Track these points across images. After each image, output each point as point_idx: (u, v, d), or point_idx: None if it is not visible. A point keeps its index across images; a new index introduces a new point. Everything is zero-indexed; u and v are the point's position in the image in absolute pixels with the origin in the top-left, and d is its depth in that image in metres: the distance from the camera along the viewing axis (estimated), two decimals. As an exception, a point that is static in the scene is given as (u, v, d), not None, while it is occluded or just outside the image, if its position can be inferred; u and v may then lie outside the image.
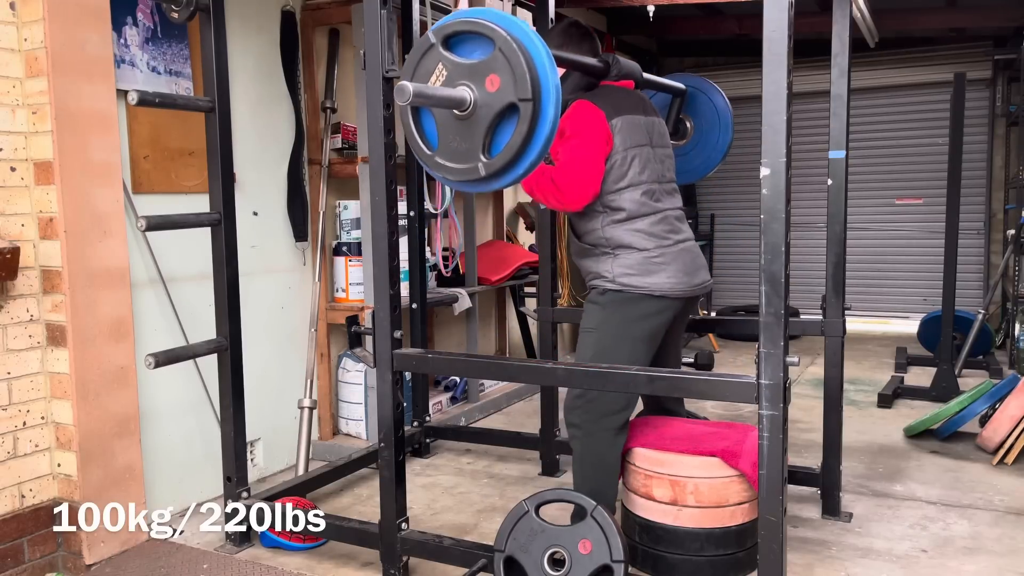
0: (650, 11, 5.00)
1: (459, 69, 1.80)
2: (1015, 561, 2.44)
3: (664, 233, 2.34)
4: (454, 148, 1.85)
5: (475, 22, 1.77)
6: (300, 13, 3.38)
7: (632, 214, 2.31)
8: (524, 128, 1.74)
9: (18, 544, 2.35)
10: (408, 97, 1.68)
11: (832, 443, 2.74)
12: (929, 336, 5.17)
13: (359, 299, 3.45)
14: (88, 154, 2.38)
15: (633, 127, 2.35)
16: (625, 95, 2.43)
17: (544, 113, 1.74)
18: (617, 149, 2.30)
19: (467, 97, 1.78)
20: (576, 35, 2.50)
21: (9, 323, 2.32)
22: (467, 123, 1.81)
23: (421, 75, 1.85)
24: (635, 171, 2.32)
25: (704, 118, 3.01)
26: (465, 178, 1.85)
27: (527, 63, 1.72)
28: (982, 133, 6.32)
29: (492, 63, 1.75)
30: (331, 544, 2.54)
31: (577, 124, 2.28)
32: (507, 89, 1.74)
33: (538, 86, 1.73)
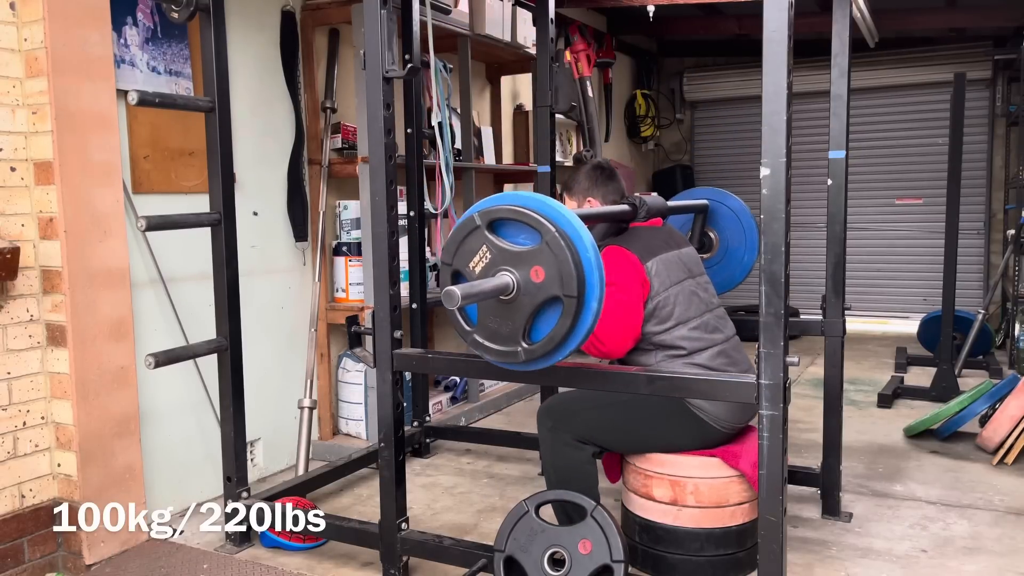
0: (650, 11, 5.00)
1: (503, 254, 1.79)
2: (1015, 561, 2.44)
3: (724, 366, 2.29)
4: (493, 329, 1.84)
5: (523, 212, 1.76)
6: (300, 13, 3.38)
7: (691, 350, 2.27)
8: (567, 322, 1.74)
9: (18, 544, 2.35)
10: (457, 302, 1.68)
11: (832, 443, 2.74)
12: (929, 336, 5.17)
13: (359, 299, 3.45)
14: (88, 154, 2.38)
15: (669, 266, 2.33)
16: (654, 234, 2.42)
17: (587, 308, 1.74)
18: (657, 292, 2.28)
19: (510, 284, 1.77)
20: (601, 179, 2.49)
21: (9, 323, 2.32)
22: (508, 307, 1.80)
23: (464, 253, 1.84)
24: (681, 308, 2.29)
25: (729, 231, 2.97)
26: (503, 360, 1.86)
27: (575, 261, 1.72)
28: (982, 133, 6.32)
29: (538, 254, 1.75)
30: (331, 544, 2.54)
31: (612, 272, 2.24)
32: (552, 283, 1.74)
33: (583, 283, 1.73)
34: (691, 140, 7.45)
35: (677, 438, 2.27)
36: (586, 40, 5.53)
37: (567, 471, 2.31)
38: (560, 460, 2.33)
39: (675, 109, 7.35)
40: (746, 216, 2.95)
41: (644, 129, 6.88)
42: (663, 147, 7.42)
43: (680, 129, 7.43)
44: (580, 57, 5.45)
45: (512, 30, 4.19)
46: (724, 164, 7.21)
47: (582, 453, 2.31)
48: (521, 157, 4.99)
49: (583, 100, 5.43)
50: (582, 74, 5.44)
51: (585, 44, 5.51)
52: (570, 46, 5.43)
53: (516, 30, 4.21)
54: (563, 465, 2.32)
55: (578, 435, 2.31)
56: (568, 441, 2.31)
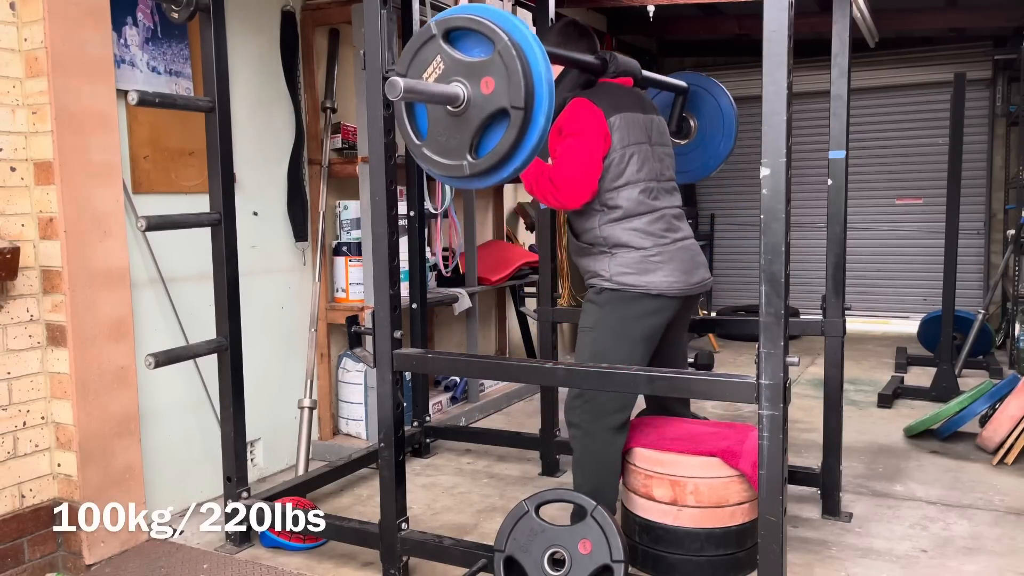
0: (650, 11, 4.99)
1: (456, 65, 1.79)
2: (1015, 561, 2.44)
3: (662, 231, 2.33)
4: (442, 142, 1.85)
5: (479, 20, 1.76)
6: (300, 13, 3.38)
7: (629, 212, 2.30)
8: (512, 135, 1.74)
9: (18, 544, 2.35)
10: (399, 93, 1.68)
11: (832, 443, 2.74)
12: (929, 336, 5.17)
13: (359, 299, 3.45)
14: (88, 154, 2.38)
15: (631, 124, 2.34)
16: (623, 92, 2.42)
17: (535, 122, 1.74)
18: (615, 147, 2.29)
19: (460, 95, 1.78)
20: (574, 34, 2.49)
21: (9, 323, 2.32)
22: (458, 120, 1.81)
23: (418, 65, 1.84)
24: (633, 169, 2.31)
25: (708, 119, 3.00)
26: (449, 174, 1.86)
27: (524, 71, 1.71)
28: (982, 133, 6.32)
29: (489, 65, 1.75)
30: (331, 544, 2.54)
31: (575, 122, 2.27)
32: (501, 93, 1.74)
33: (532, 95, 1.73)
34: (691, 140, 7.44)
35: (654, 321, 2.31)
36: (586, 40, 5.52)
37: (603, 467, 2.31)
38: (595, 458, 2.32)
39: (675, 109, 7.34)
40: (728, 107, 2.96)
41: (644, 129, 6.87)
42: (663, 147, 7.42)
43: (680, 129, 7.42)
44: (580, 57, 5.43)
45: (512, 30, 4.18)
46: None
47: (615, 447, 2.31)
48: (521, 157, 4.97)
49: (583, 100, 5.42)
50: (582, 74, 5.43)
51: (585, 44, 5.50)
52: (570, 46, 5.42)
53: (516, 30, 4.20)
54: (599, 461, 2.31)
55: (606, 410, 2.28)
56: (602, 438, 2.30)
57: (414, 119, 1.92)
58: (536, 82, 1.72)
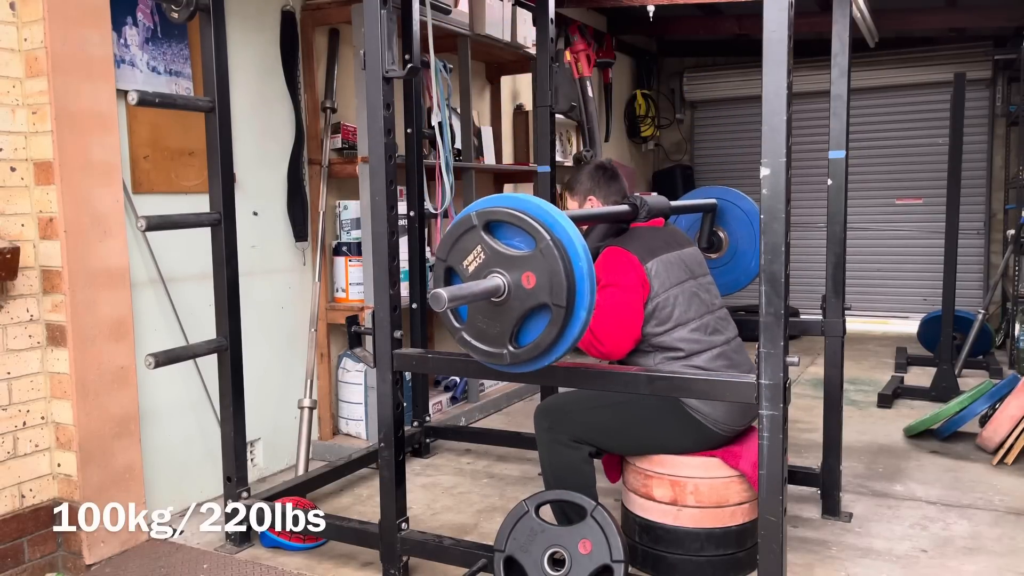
0: (650, 11, 5.00)
1: (497, 256, 1.79)
2: (1015, 561, 2.44)
3: (723, 368, 2.28)
4: (482, 329, 1.85)
5: (520, 216, 1.75)
6: (300, 13, 3.38)
7: (690, 352, 2.26)
8: (554, 331, 1.74)
9: (18, 544, 2.35)
10: (444, 305, 1.69)
11: (832, 443, 2.74)
12: (929, 336, 5.17)
13: (359, 299, 3.45)
14: (88, 154, 2.38)
15: (669, 266, 2.31)
16: (655, 234, 2.41)
17: (576, 317, 1.74)
18: (656, 292, 2.26)
19: (501, 286, 1.78)
20: (604, 179, 2.48)
21: (9, 323, 2.32)
22: (498, 308, 1.81)
23: (458, 252, 1.84)
24: (681, 310, 2.28)
25: (736, 225, 2.96)
26: (490, 360, 1.87)
27: (566, 270, 1.71)
28: (982, 133, 6.32)
29: (531, 260, 1.74)
30: (331, 544, 2.54)
31: (611, 272, 2.26)
32: (542, 290, 1.74)
33: (573, 293, 1.73)
34: (691, 140, 7.45)
35: (674, 440, 2.26)
36: (586, 40, 5.53)
37: (564, 471, 2.31)
38: (557, 460, 2.33)
39: (675, 109, 7.35)
40: (753, 212, 2.92)
41: (644, 129, 6.88)
42: (663, 147, 7.42)
43: (680, 129, 7.43)
44: (580, 57, 5.44)
45: (512, 30, 4.19)
46: (724, 164, 7.21)
47: (579, 453, 2.31)
48: (521, 157, 4.99)
49: (583, 100, 5.43)
50: (582, 74, 5.44)
51: (585, 44, 5.51)
52: (570, 46, 5.43)
53: (516, 30, 4.21)
54: (560, 465, 2.32)
55: (574, 435, 2.31)
56: (565, 441, 2.31)
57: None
58: (579, 280, 1.73)
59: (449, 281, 1.89)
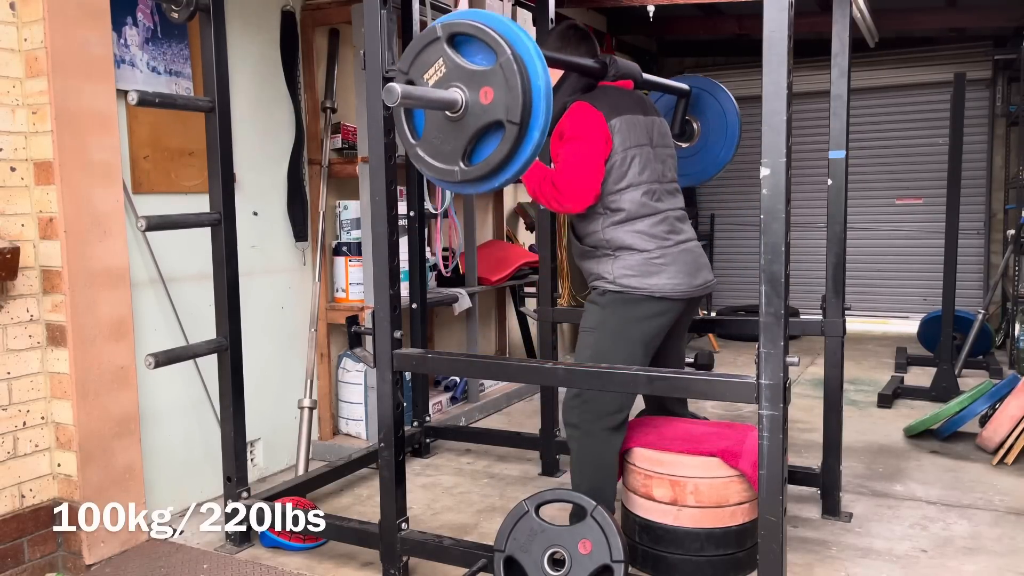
0: (650, 11, 4.99)
1: (458, 70, 1.79)
2: (1015, 561, 2.44)
3: (664, 234, 2.33)
4: (436, 145, 1.85)
5: (483, 29, 1.75)
6: (300, 13, 3.38)
7: (632, 215, 2.30)
8: (506, 148, 1.74)
9: (18, 544, 2.35)
10: (396, 99, 1.67)
11: (832, 443, 2.74)
12: (929, 336, 5.17)
13: (359, 299, 3.45)
14: (88, 154, 2.38)
15: (632, 127, 2.33)
16: (624, 95, 2.42)
17: (529, 137, 1.74)
18: (616, 150, 2.29)
19: (459, 100, 1.77)
20: (574, 37, 2.48)
21: (9, 323, 2.32)
22: (454, 125, 1.81)
23: (420, 66, 1.83)
24: (635, 171, 2.31)
25: (711, 121, 2.97)
26: (441, 177, 1.86)
27: (524, 86, 1.71)
28: (982, 133, 6.32)
29: (490, 76, 1.74)
30: (331, 544, 2.54)
31: (576, 126, 2.27)
32: (499, 106, 1.74)
33: (529, 111, 1.72)
34: (691, 140, 7.44)
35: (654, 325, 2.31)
36: (586, 40, 5.52)
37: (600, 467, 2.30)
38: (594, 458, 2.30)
39: (675, 109, 7.34)
40: (732, 113, 2.94)
41: (644, 129, 6.87)
42: (663, 147, 7.41)
43: (680, 129, 7.42)
44: (580, 57, 5.44)
45: (512, 30, 4.18)
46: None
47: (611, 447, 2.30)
48: (521, 157, 4.98)
49: (583, 100, 5.42)
50: (582, 74, 5.43)
51: (585, 44, 5.50)
52: (570, 46, 5.42)
53: (516, 30, 4.20)
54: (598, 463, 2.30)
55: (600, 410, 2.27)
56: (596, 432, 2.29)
57: (411, 119, 1.92)
58: (535, 98, 1.72)
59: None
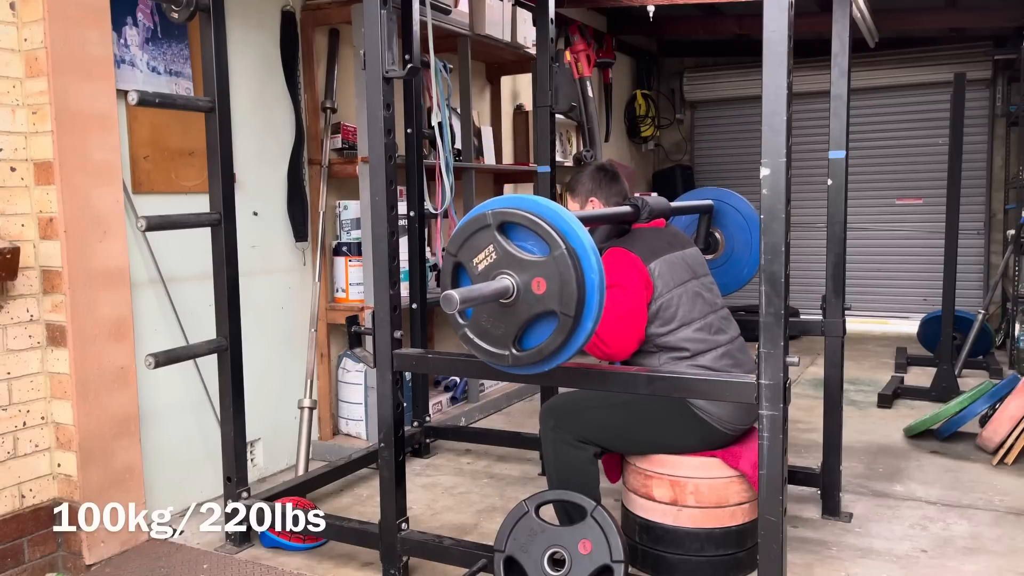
0: (650, 11, 5.00)
1: (509, 258, 1.77)
2: (1015, 561, 2.44)
3: (728, 367, 2.29)
4: (486, 328, 1.84)
5: (536, 222, 1.74)
6: (300, 13, 3.38)
7: (695, 352, 2.26)
8: (560, 338, 1.74)
9: (18, 544, 2.35)
10: (455, 307, 1.67)
11: (832, 443, 2.74)
12: (929, 336, 5.17)
13: (359, 299, 3.45)
14: (88, 154, 2.38)
15: (672, 266, 2.32)
16: (657, 235, 2.41)
17: (582, 328, 1.74)
18: (660, 292, 2.27)
19: (510, 288, 1.76)
20: (605, 180, 2.48)
21: (9, 323, 2.32)
22: (504, 310, 1.79)
23: (470, 248, 1.82)
24: (685, 309, 2.29)
25: (733, 228, 2.97)
26: (493, 360, 1.86)
27: (578, 280, 1.70)
28: (982, 133, 6.32)
29: (543, 266, 1.73)
30: (331, 544, 2.54)
31: (615, 273, 2.25)
32: (552, 297, 1.73)
33: (582, 304, 1.72)
34: (691, 140, 7.45)
35: (679, 439, 2.27)
36: (586, 40, 5.53)
37: (568, 470, 2.31)
38: (562, 459, 2.33)
39: (675, 109, 7.35)
40: (753, 219, 2.94)
41: (644, 129, 6.88)
42: (663, 147, 7.42)
43: (680, 129, 7.43)
44: (580, 57, 5.44)
45: (512, 30, 4.19)
46: (724, 164, 7.21)
47: (584, 453, 2.31)
48: (521, 157, 4.99)
49: (583, 100, 5.43)
50: (582, 74, 5.44)
51: (585, 44, 5.51)
52: (570, 46, 5.43)
53: (516, 30, 4.21)
54: (565, 464, 2.32)
55: (580, 435, 2.31)
56: (570, 441, 2.31)
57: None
58: (589, 292, 1.72)
59: (457, 277, 1.88)
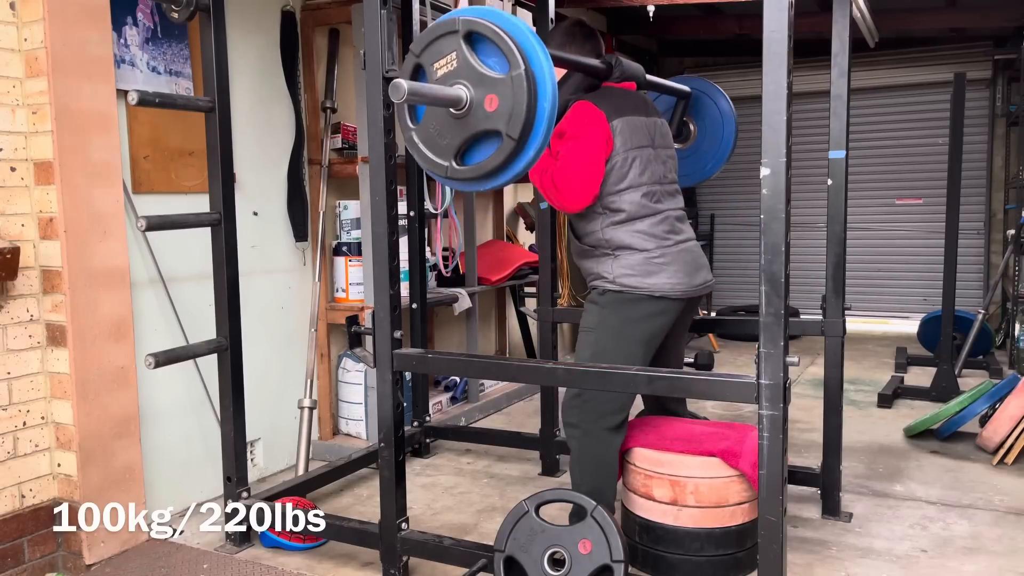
0: (650, 11, 4.99)
1: (469, 69, 1.78)
2: (1015, 561, 2.44)
3: (664, 234, 2.33)
4: (433, 135, 1.86)
5: (503, 36, 1.74)
6: (300, 13, 3.38)
7: (632, 215, 2.30)
8: (500, 158, 1.76)
9: (18, 544, 2.35)
10: (403, 95, 1.67)
11: (832, 443, 2.74)
12: (929, 336, 5.17)
13: (359, 299, 3.45)
14: (88, 154, 2.38)
15: (634, 128, 2.34)
16: (626, 96, 2.42)
17: (524, 154, 1.76)
18: (617, 150, 2.29)
19: (463, 99, 1.77)
20: (580, 35, 2.48)
21: (9, 323, 2.32)
22: (453, 121, 1.81)
23: (432, 53, 1.83)
24: (635, 172, 2.31)
25: (708, 122, 3.00)
26: (430, 168, 1.88)
27: (530, 104, 1.71)
28: (982, 133, 6.32)
29: (499, 84, 1.74)
30: (331, 544, 2.54)
31: (577, 125, 2.27)
32: (501, 117, 1.74)
33: (530, 129, 1.73)
34: (691, 140, 7.44)
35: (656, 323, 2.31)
36: (586, 40, 5.52)
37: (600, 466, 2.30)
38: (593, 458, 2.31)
39: (675, 109, 7.34)
40: (729, 116, 2.95)
41: (644, 129, 6.86)
42: (663, 147, 7.41)
43: (680, 129, 7.42)
44: (580, 57, 5.43)
45: (512, 30, 4.18)
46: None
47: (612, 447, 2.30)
48: (521, 157, 4.97)
49: (583, 100, 5.42)
50: (582, 74, 5.43)
51: (585, 44, 5.50)
52: (570, 46, 5.42)
53: (516, 30, 4.20)
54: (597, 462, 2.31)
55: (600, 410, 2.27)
56: (596, 433, 2.29)
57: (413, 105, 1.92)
58: (539, 118, 1.73)
59: (415, 77, 1.88)
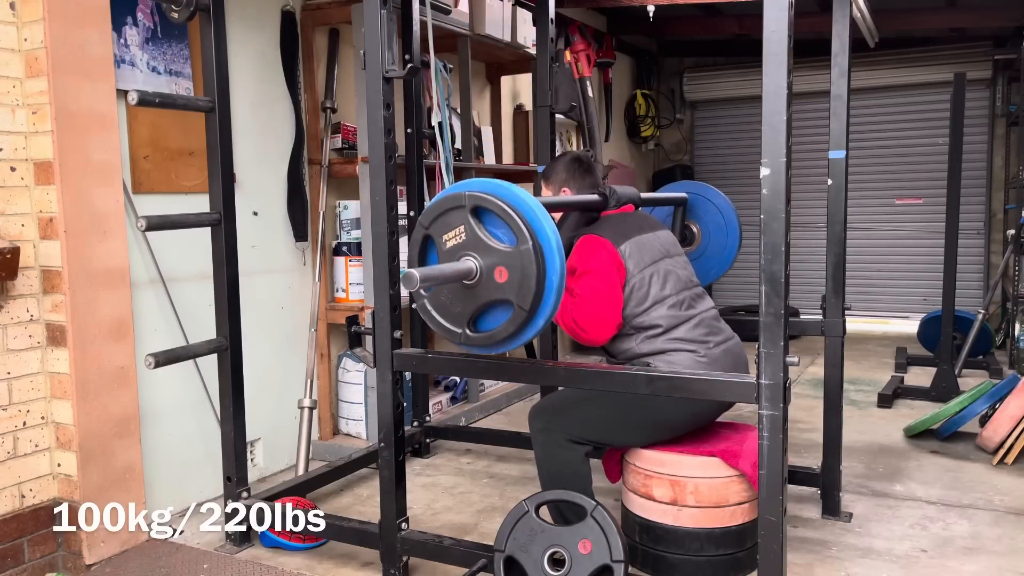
0: (650, 11, 5.00)
1: (477, 242, 1.83)
2: (1015, 561, 2.44)
3: (704, 336, 2.30)
4: (444, 303, 1.91)
5: (509, 213, 1.79)
6: (300, 13, 3.38)
7: (667, 327, 2.27)
8: (511, 328, 1.82)
9: (18, 544, 2.35)
10: (415, 285, 1.72)
11: (832, 443, 2.74)
12: (929, 336, 5.17)
13: (359, 299, 3.45)
14: (88, 154, 2.38)
15: (643, 246, 2.34)
16: (626, 219, 2.44)
17: (535, 323, 1.82)
18: (632, 272, 2.29)
19: (473, 271, 1.82)
20: (579, 171, 2.52)
21: (9, 323, 2.32)
22: (464, 290, 1.86)
23: (442, 224, 1.89)
24: (656, 288, 2.30)
25: (709, 222, 3.00)
26: (445, 334, 1.94)
27: (539, 277, 1.76)
28: (982, 133, 6.32)
29: (509, 256, 1.79)
30: (331, 544, 2.54)
31: (586, 259, 2.28)
32: (511, 288, 1.79)
33: (539, 301, 1.79)
34: (691, 140, 7.45)
35: (671, 421, 2.28)
36: (586, 40, 5.53)
37: (561, 472, 2.31)
38: (553, 461, 2.33)
39: (675, 109, 7.35)
40: (729, 211, 2.97)
41: (644, 129, 6.87)
42: (663, 147, 7.42)
43: (680, 129, 7.43)
44: (580, 57, 5.44)
45: (512, 30, 4.19)
46: (724, 164, 7.20)
47: (575, 453, 2.31)
48: (521, 157, 4.99)
49: (583, 100, 5.43)
50: (582, 74, 5.44)
51: (585, 44, 5.51)
52: (570, 46, 5.43)
53: (516, 30, 4.21)
54: (557, 466, 2.32)
55: (570, 434, 2.31)
56: (560, 442, 2.31)
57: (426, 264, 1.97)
58: (547, 290, 1.78)
59: (425, 249, 1.95)
